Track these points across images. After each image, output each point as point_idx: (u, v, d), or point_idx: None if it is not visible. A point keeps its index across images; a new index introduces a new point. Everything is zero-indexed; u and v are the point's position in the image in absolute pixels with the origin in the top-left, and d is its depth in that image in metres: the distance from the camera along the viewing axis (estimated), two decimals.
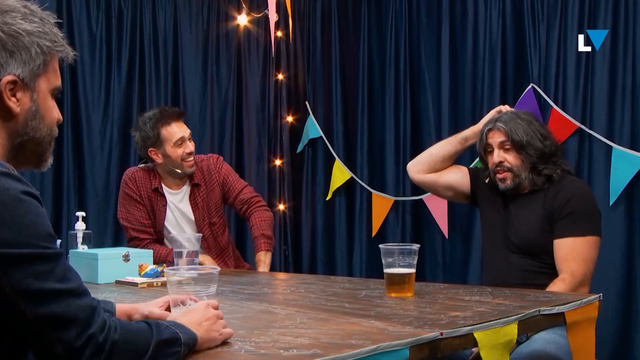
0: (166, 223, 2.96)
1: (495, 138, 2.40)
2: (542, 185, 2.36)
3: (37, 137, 1.18)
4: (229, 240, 3.09)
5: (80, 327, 1.04)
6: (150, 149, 2.90)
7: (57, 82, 1.21)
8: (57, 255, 1.06)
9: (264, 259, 2.86)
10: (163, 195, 2.95)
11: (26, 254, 1.01)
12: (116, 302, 1.45)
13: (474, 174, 2.60)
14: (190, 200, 2.97)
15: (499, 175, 2.39)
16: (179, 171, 2.91)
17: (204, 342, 1.26)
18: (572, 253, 2.22)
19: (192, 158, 2.91)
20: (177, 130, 2.89)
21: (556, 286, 2.16)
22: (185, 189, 2.98)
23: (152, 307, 1.45)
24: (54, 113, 1.22)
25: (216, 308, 1.37)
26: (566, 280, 2.17)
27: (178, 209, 2.98)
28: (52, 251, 1.05)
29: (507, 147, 2.37)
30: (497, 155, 2.38)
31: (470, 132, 2.62)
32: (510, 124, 2.37)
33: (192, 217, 2.97)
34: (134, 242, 2.93)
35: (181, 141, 2.88)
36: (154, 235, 2.95)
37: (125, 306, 1.46)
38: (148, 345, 1.12)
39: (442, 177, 2.64)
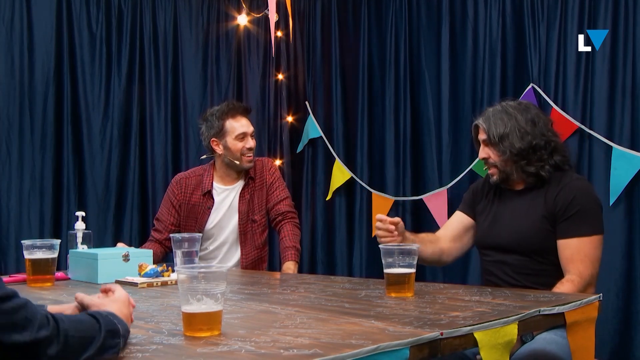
0: (207, 227, 3.00)
1: (479, 135, 2.41)
2: (535, 183, 2.32)
3: None
4: (266, 242, 3.12)
5: (21, 328, 1.02)
6: (212, 139, 3.00)
7: None
8: None
9: (293, 268, 2.90)
10: (212, 198, 3.01)
11: None
12: (47, 305, 1.42)
13: (469, 202, 2.53)
14: (240, 193, 3.03)
15: (489, 171, 2.41)
16: (238, 163, 2.98)
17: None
18: (579, 254, 2.21)
19: (251, 154, 3.01)
20: (240, 124, 2.99)
21: (564, 287, 2.15)
22: (240, 182, 3.05)
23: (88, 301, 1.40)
24: None
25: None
26: (575, 282, 2.16)
27: (227, 206, 3.02)
28: None
29: (487, 143, 2.37)
30: (482, 152, 2.40)
31: None
32: (491, 119, 2.34)
33: (238, 211, 3.02)
34: (150, 236, 3.08)
35: (243, 135, 2.98)
36: (162, 241, 3.00)
37: (56, 307, 1.43)
38: (96, 334, 1.13)
39: (448, 232, 2.52)
